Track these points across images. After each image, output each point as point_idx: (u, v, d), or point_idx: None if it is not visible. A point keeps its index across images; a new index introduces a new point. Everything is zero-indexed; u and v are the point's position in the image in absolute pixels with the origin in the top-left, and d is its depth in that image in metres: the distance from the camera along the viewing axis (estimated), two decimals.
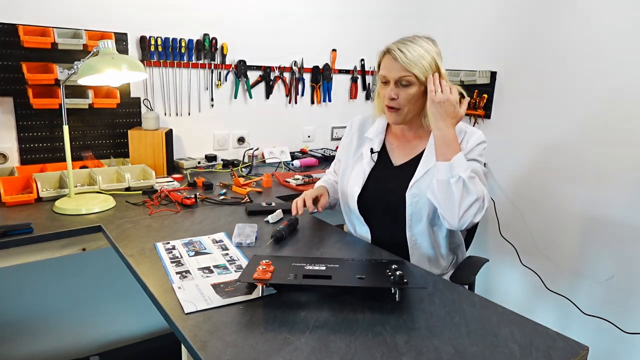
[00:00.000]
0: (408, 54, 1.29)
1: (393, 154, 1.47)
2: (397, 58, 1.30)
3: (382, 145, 1.49)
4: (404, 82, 1.32)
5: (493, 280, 2.78)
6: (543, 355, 0.85)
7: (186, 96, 2.30)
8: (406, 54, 1.29)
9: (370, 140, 1.50)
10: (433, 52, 1.33)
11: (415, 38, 1.34)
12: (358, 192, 1.44)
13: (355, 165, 1.51)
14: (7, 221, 1.43)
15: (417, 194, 1.35)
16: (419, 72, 1.30)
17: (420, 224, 1.37)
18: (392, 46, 1.33)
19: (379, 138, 1.49)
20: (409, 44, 1.31)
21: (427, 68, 1.30)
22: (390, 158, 1.47)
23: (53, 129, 1.95)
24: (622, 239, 2.17)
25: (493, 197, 2.71)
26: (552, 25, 2.36)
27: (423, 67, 1.30)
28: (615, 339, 2.22)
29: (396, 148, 1.48)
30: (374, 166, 1.46)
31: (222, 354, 0.82)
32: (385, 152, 1.48)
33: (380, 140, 1.49)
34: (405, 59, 1.29)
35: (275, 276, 1.02)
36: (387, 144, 1.50)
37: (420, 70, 1.30)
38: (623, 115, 2.12)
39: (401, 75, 1.31)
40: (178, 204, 1.67)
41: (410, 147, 1.45)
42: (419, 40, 1.33)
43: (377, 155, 1.47)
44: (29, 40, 1.77)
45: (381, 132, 1.49)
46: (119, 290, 2.19)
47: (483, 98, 2.67)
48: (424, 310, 1.00)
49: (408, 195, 1.35)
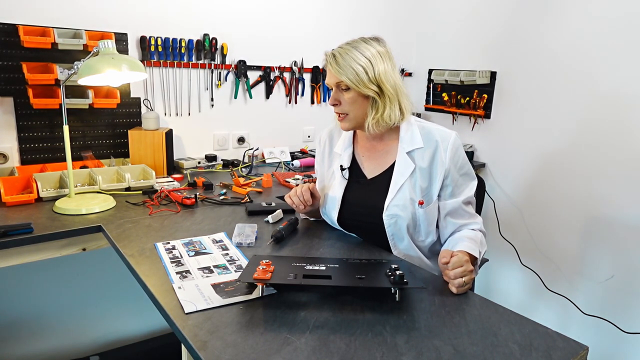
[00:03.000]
0: (339, 59, 1.26)
1: (364, 166, 1.42)
2: (329, 64, 1.28)
3: (353, 158, 1.44)
4: (343, 86, 1.28)
5: (493, 280, 2.78)
6: (543, 355, 0.85)
7: (186, 96, 2.30)
8: (337, 59, 1.26)
9: (339, 156, 1.46)
10: (370, 52, 1.27)
11: (355, 41, 1.30)
12: (336, 216, 1.41)
13: (330, 184, 1.47)
14: (7, 221, 1.43)
15: (393, 214, 1.31)
16: (350, 77, 1.25)
17: (403, 242, 1.34)
18: (327, 53, 1.31)
19: (347, 152, 1.44)
20: (344, 47, 1.28)
21: (358, 72, 1.24)
22: (363, 171, 1.42)
23: (53, 129, 1.95)
24: (622, 239, 2.17)
25: (493, 197, 2.71)
26: (552, 26, 2.36)
27: (353, 71, 1.24)
28: (615, 339, 2.22)
29: (366, 159, 1.42)
30: (347, 183, 1.42)
31: (222, 354, 0.82)
32: (356, 165, 1.43)
33: (349, 155, 1.44)
34: (336, 64, 1.26)
35: (275, 276, 1.02)
36: (356, 155, 1.44)
37: (350, 75, 1.25)
38: (623, 115, 2.12)
39: (337, 81, 1.28)
40: (178, 204, 1.67)
41: (380, 158, 1.40)
42: (358, 43, 1.29)
43: (347, 172, 1.42)
44: (29, 40, 1.77)
45: (349, 146, 1.45)
46: (119, 290, 2.19)
47: (483, 98, 2.67)
48: (424, 310, 1.00)
49: (385, 217, 1.32)
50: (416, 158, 1.33)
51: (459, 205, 1.33)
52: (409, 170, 1.32)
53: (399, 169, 1.33)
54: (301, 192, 1.40)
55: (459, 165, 1.33)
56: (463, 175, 1.35)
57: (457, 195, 1.34)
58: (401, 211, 1.31)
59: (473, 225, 1.36)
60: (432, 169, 1.32)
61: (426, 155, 1.32)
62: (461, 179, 1.34)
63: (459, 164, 1.33)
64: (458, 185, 1.34)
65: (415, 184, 1.32)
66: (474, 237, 1.31)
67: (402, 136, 1.35)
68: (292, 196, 1.42)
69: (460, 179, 1.34)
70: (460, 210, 1.34)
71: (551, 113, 2.41)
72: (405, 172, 1.32)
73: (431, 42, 3.02)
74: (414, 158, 1.33)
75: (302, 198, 1.39)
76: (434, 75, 2.95)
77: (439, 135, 1.33)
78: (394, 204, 1.31)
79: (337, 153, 1.47)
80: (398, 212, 1.31)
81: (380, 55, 1.28)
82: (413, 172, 1.32)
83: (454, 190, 1.33)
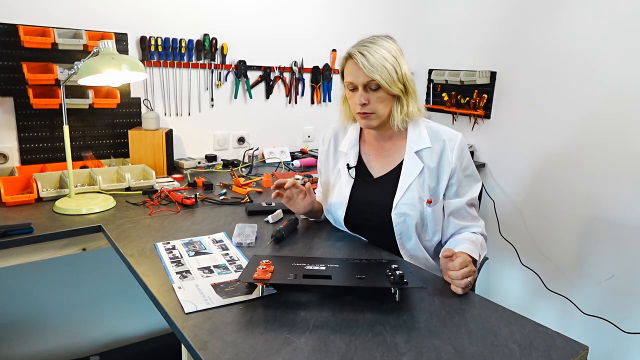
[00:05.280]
0: (370, 58, 1.24)
1: (371, 165, 1.42)
2: (359, 63, 1.24)
3: (359, 157, 1.44)
4: (373, 86, 1.27)
5: (493, 280, 2.78)
6: (543, 355, 0.86)
7: (186, 96, 2.30)
8: (368, 58, 1.24)
9: (345, 155, 1.45)
10: (394, 50, 1.28)
11: (374, 38, 1.29)
12: (343, 216, 1.41)
13: (335, 183, 1.46)
14: (7, 221, 1.43)
15: (402, 213, 1.31)
16: (383, 77, 1.24)
17: (411, 241, 1.33)
18: (352, 51, 1.27)
19: (353, 151, 1.43)
20: (369, 46, 1.26)
21: (390, 71, 1.25)
22: (369, 170, 1.41)
23: (53, 129, 1.95)
24: (622, 239, 2.17)
25: (493, 197, 2.71)
26: (552, 26, 2.36)
27: (385, 70, 1.24)
28: (615, 338, 2.22)
29: (373, 158, 1.42)
30: (354, 182, 1.41)
31: (222, 354, 0.82)
32: (363, 164, 1.43)
33: (356, 153, 1.43)
34: (368, 64, 1.23)
35: (275, 276, 1.02)
36: (362, 154, 1.44)
37: (383, 75, 1.24)
38: (623, 115, 2.12)
39: (368, 80, 1.26)
40: (178, 204, 1.67)
41: (387, 156, 1.40)
42: (379, 40, 1.28)
43: (354, 170, 1.42)
44: (29, 41, 1.77)
45: (355, 144, 1.44)
46: (119, 290, 2.19)
47: (483, 98, 2.67)
48: (424, 310, 1.00)
49: (394, 215, 1.32)
50: (424, 157, 1.33)
51: (463, 205, 1.34)
52: (417, 170, 1.32)
53: (407, 168, 1.34)
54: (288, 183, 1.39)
55: (464, 165, 1.34)
56: (468, 177, 1.35)
57: (461, 195, 1.34)
58: (410, 210, 1.31)
59: (475, 228, 1.36)
60: (440, 168, 1.33)
61: (434, 154, 1.33)
62: (466, 179, 1.35)
63: (464, 164, 1.34)
64: (462, 186, 1.34)
65: (424, 183, 1.32)
66: (474, 239, 1.31)
67: (410, 136, 1.36)
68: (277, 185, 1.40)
69: (464, 180, 1.35)
70: (463, 211, 1.35)
71: (551, 113, 2.41)
72: (414, 172, 1.32)
73: (431, 42, 3.02)
74: (422, 157, 1.33)
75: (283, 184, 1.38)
76: (434, 75, 2.95)
77: (446, 135, 1.35)
78: (403, 202, 1.32)
79: (343, 152, 1.47)
80: (407, 210, 1.31)
81: (400, 53, 1.30)
82: (421, 171, 1.32)
83: (458, 190, 1.34)
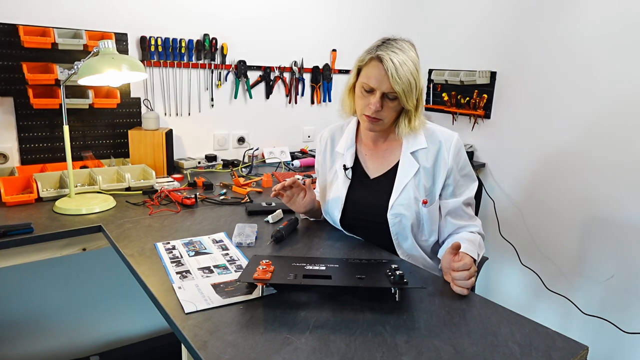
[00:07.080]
0: (400, 70, 1.20)
1: (367, 165, 1.42)
2: (388, 71, 1.20)
3: (355, 158, 1.44)
4: (391, 96, 1.25)
5: (493, 280, 2.78)
6: (543, 355, 0.86)
7: (186, 96, 2.30)
8: (398, 69, 1.20)
9: (341, 156, 1.45)
10: (417, 62, 1.26)
11: (401, 44, 1.25)
12: (339, 216, 1.41)
13: (332, 184, 1.47)
14: (7, 221, 1.43)
15: (398, 213, 1.31)
16: (405, 91, 1.23)
17: (407, 241, 1.34)
18: (383, 55, 1.22)
19: (350, 152, 1.43)
20: (399, 54, 1.22)
21: (412, 85, 1.23)
22: (365, 170, 1.42)
23: (53, 129, 1.95)
24: (622, 239, 2.17)
25: (493, 197, 2.71)
26: (552, 26, 2.36)
27: (408, 85, 1.22)
28: (615, 338, 2.22)
29: (369, 159, 1.42)
30: (350, 183, 1.42)
31: (222, 354, 0.82)
32: (359, 165, 1.43)
33: (352, 154, 1.43)
34: (397, 74, 1.20)
35: (275, 276, 1.02)
36: (359, 155, 1.44)
37: (406, 89, 1.22)
38: (623, 115, 2.12)
39: (390, 90, 1.23)
40: (178, 204, 1.67)
41: (384, 157, 1.40)
42: (406, 49, 1.25)
43: (351, 171, 1.42)
44: (29, 40, 1.77)
45: (352, 145, 1.44)
46: (119, 290, 2.19)
47: (483, 98, 2.67)
48: (424, 310, 1.00)
49: (389, 216, 1.32)
50: (420, 158, 1.33)
51: (459, 205, 1.34)
52: (413, 170, 1.33)
53: (403, 169, 1.34)
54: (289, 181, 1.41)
55: (460, 165, 1.34)
56: (464, 177, 1.35)
57: (458, 195, 1.35)
58: (405, 210, 1.31)
59: (472, 227, 1.37)
60: (436, 168, 1.33)
61: (430, 155, 1.33)
62: (462, 179, 1.35)
63: (460, 164, 1.34)
64: (459, 186, 1.34)
65: (419, 183, 1.32)
66: (472, 239, 1.31)
67: (406, 136, 1.36)
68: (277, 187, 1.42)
69: (461, 180, 1.35)
70: (460, 211, 1.35)
71: (551, 113, 2.41)
72: (410, 172, 1.33)
73: (431, 42, 3.01)
74: (417, 158, 1.33)
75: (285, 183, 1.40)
76: (434, 75, 2.95)
77: (442, 135, 1.34)
78: (399, 203, 1.32)
79: (340, 153, 1.47)
80: (402, 211, 1.31)
81: (419, 65, 1.27)
82: (417, 172, 1.33)
83: (454, 190, 1.34)
